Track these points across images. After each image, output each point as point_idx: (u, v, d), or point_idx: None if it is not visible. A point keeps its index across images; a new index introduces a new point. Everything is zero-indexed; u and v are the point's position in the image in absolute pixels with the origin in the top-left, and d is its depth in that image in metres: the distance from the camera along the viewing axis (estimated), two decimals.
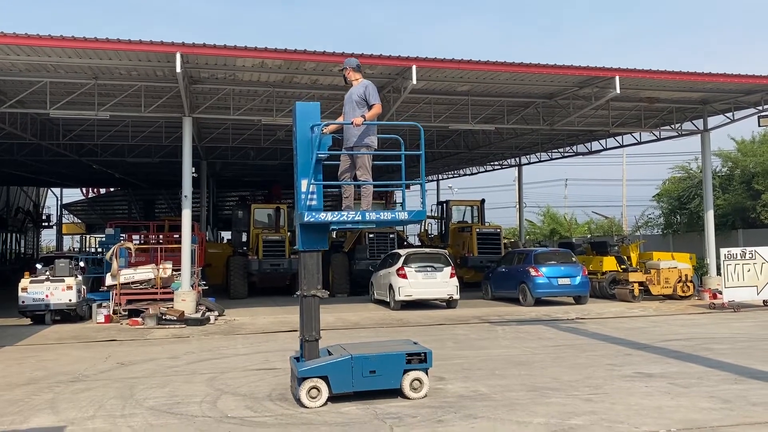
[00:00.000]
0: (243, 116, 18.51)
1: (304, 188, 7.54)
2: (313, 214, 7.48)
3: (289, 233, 22.55)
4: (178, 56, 13.97)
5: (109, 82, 16.22)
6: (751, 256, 16.99)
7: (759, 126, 20.28)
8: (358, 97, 7.96)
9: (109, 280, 17.02)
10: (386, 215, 8.30)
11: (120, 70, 15.64)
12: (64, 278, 15.94)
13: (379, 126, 8.41)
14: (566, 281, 18.67)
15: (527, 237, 38.55)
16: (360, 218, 7.70)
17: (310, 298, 7.69)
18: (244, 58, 14.86)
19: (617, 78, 16.58)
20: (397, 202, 31.43)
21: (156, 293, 16.79)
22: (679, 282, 19.60)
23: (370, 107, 7.88)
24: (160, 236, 23.73)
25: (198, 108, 17.87)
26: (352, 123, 7.73)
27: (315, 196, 7.63)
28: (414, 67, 15.25)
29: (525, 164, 32.24)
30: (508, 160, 32.83)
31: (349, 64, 8.27)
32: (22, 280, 16.02)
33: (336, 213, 7.66)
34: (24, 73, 15.42)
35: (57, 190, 46.68)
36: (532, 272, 18.70)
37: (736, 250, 17.20)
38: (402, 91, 16.35)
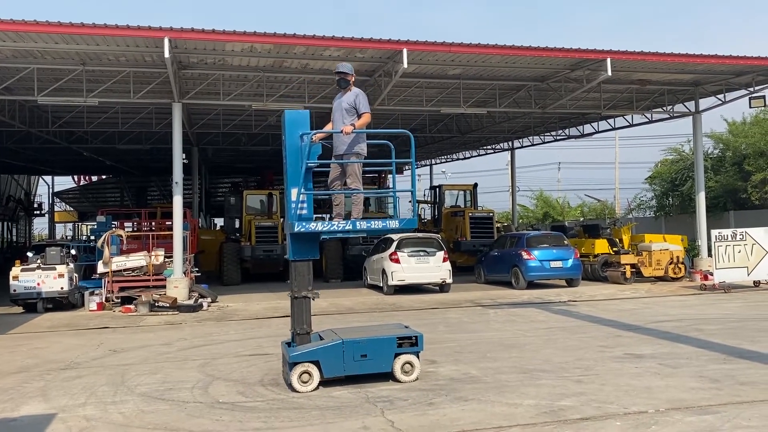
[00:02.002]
0: (233, 102, 18.40)
1: (294, 197, 7.50)
2: (303, 223, 7.45)
3: (281, 219, 22.50)
4: (166, 41, 13.84)
5: (97, 68, 16.07)
6: (741, 237, 17.07)
7: (750, 107, 20.34)
8: (348, 105, 7.90)
9: (101, 268, 16.97)
10: (377, 224, 8.28)
11: (108, 56, 15.49)
12: (56, 266, 15.88)
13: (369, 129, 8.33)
14: (558, 264, 18.75)
15: (520, 221, 38.64)
16: (351, 228, 7.73)
17: (301, 299, 7.71)
18: (233, 42, 14.73)
19: (609, 60, 16.53)
20: (389, 185, 31.38)
21: (148, 280, 16.77)
22: (670, 264, 19.72)
23: (360, 116, 7.82)
24: (152, 223, 23.64)
25: (188, 94, 17.72)
26: (341, 131, 7.67)
27: (305, 205, 7.60)
28: (405, 51, 15.15)
29: (518, 148, 32.23)
30: (501, 144, 32.80)
31: (351, 70, 8.14)
32: (13, 269, 15.96)
33: (327, 222, 7.75)
34: (10, 60, 15.24)
35: (48, 178, 46.41)
36: (525, 256, 18.75)
37: (727, 232, 17.28)
38: (393, 75, 16.26)
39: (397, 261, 17.93)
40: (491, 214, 25.63)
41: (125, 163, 33.98)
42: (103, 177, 44.43)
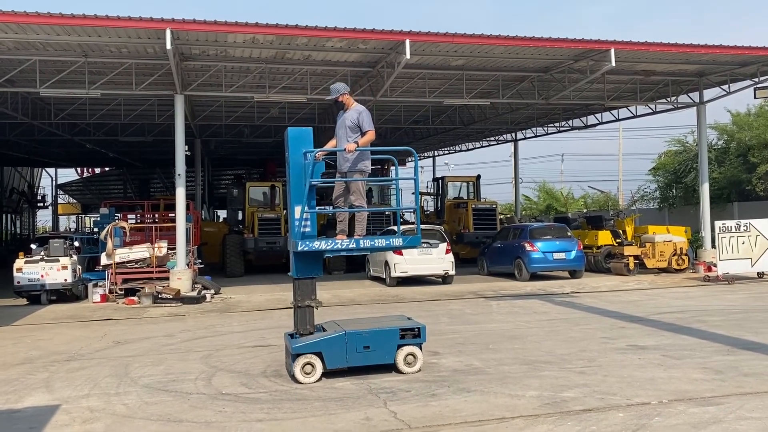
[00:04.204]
0: (236, 93, 18.37)
1: (297, 215, 7.48)
2: (307, 242, 7.43)
3: (284, 211, 22.50)
4: (168, 32, 13.78)
5: (99, 59, 16.02)
6: (745, 228, 17.02)
7: (755, 98, 20.20)
8: (351, 123, 7.87)
9: (104, 260, 16.99)
10: (380, 242, 8.26)
11: (110, 48, 15.45)
12: (59, 258, 15.90)
13: (373, 139, 8.21)
14: (561, 256, 18.71)
15: (523, 212, 38.57)
16: (354, 246, 7.71)
17: (304, 308, 7.71)
18: (235, 33, 14.67)
19: (612, 50, 16.41)
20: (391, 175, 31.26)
21: (152, 272, 16.78)
22: (674, 255, 19.68)
23: (363, 134, 7.80)
24: (155, 215, 23.66)
25: (190, 85, 17.68)
26: (345, 150, 7.64)
27: (309, 223, 7.58)
28: (407, 42, 15.08)
29: (521, 139, 32.15)
30: (504, 136, 32.71)
31: (342, 90, 8.03)
32: (17, 261, 16.00)
33: (330, 241, 7.67)
34: (12, 51, 15.21)
35: (51, 171, 46.46)
36: (528, 247, 18.72)
37: (731, 223, 17.23)
38: (396, 66, 16.19)
39: (399, 253, 17.89)
40: (494, 206, 25.60)
41: (128, 155, 34.00)
42: (106, 169, 44.48)
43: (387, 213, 23.32)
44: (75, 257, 16.83)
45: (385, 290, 17.31)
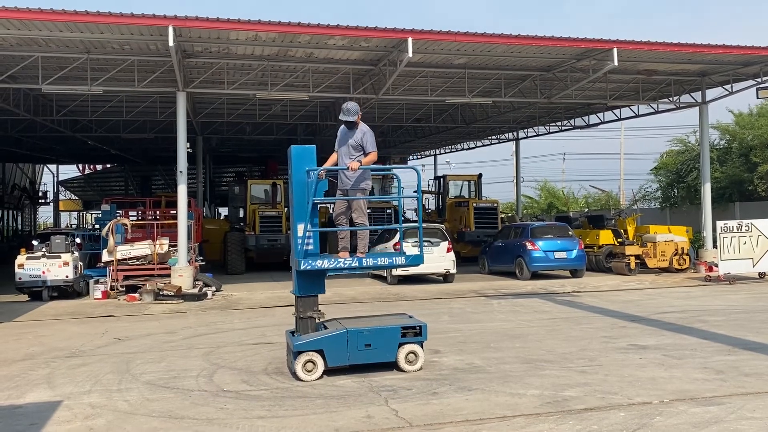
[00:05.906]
0: (238, 90, 18.38)
1: (300, 233, 7.47)
2: (310, 261, 7.43)
3: (285, 209, 22.51)
4: (170, 29, 13.79)
5: (101, 56, 16.03)
6: (747, 228, 17.00)
7: (757, 98, 20.18)
8: (355, 142, 7.87)
9: (105, 257, 17.01)
10: (383, 260, 8.23)
11: (112, 44, 15.45)
12: (61, 254, 15.93)
13: (376, 157, 8.19)
14: (563, 255, 18.70)
15: (524, 211, 38.57)
16: (357, 264, 7.69)
17: (306, 319, 7.72)
18: (237, 31, 14.69)
19: (615, 50, 16.41)
20: (392, 176, 31.26)
21: (153, 269, 16.81)
22: (675, 255, 19.67)
23: (366, 154, 7.80)
24: (157, 212, 23.68)
25: (192, 82, 17.70)
26: (348, 168, 7.65)
27: (311, 241, 7.59)
28: (410, 40, 15.08)
29: (522, 138, 32.15)
30: (506, 135, 32.70)
31: (358, 111, 7.97)
32: (19, 257, 16.02)
33: (333, 259, 7.65)
34: (15, 48, 15.23)
35: (53, 167, 46.45)
36: (529, 246, 18.71)
37: (732, 223, 17.21)
38: (398, 64, 16.19)
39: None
40: (495, 205, 25.61)
41: (130, 152, 33.99)
42: (108, 166, 44.48)
43: (388, 211, 23.33)
44: (76, 254, 16.86)
45: (386, 288, 17.32)
